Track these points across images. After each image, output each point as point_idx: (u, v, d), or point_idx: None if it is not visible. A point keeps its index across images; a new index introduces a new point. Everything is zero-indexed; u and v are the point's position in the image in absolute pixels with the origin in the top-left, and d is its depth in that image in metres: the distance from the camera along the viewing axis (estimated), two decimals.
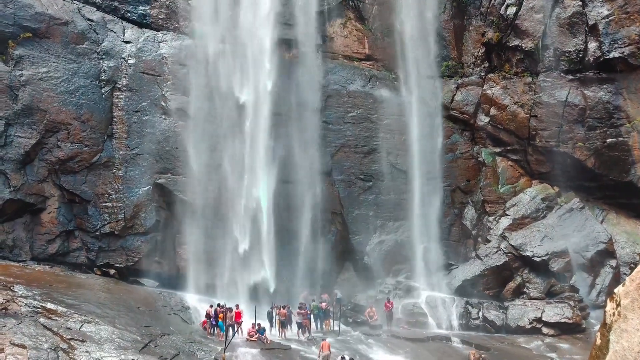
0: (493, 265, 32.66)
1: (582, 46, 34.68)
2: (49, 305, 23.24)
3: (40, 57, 30.19)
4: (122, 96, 31.67)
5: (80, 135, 30.39)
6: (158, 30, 33.80)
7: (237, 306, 27.60)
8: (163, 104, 32.16)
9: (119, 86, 31.72)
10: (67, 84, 30.47)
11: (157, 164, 31.48)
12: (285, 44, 34.90)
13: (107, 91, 31.47)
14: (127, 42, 32.56)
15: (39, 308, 22.86)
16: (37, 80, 29.85)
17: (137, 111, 31.74)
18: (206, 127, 32.36)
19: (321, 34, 36.14)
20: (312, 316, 29.13)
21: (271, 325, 28.42)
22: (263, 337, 25.97)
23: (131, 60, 32.19)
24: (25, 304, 22.84)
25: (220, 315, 26.62)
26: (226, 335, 24.97)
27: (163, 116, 32.09)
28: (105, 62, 31.71)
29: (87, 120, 30.62)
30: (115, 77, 31.72)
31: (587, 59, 34.47)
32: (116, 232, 30.26)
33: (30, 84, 29.66)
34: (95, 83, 31.28)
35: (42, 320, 22.11)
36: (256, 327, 26.33)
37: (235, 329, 26.59)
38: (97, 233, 30.13)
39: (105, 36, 32.12)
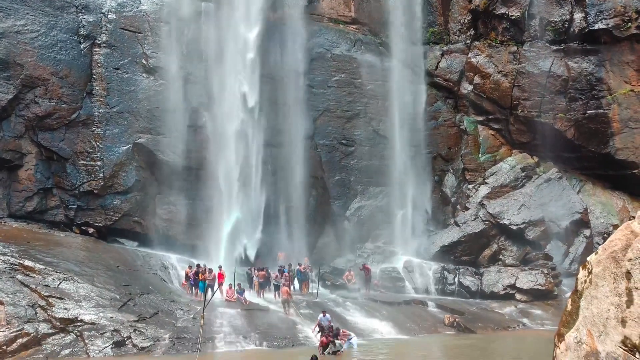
0: (471, 233, 33.19)
1: (567, 16, 34.62)
2: (27, 263, 23.12)
3: (17, 9, 29.22)
4: (101, 52, 30.92)
5: (58, 91, 29.72)
6: None
7: (220, 267, 27.71)
8: (144, 62, 31.50)
9: (99, 42, 30.93)
10: (44, 38, 29.63)
11: (137, 123, 31.00)
12: (271, 4, 34.23)
13: (86, 47, 30.68)
14: None
15: (16, 265, 22.74)
16: (14, 34, 28.96)
17: (118, 69, 31.07)
18: (188, 87, 31.89)
19: None
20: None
21: (250, 287, 28.68)
22: (242, 298, 26.23)
23: (111, 16, 31.33)
24: (3, 260, 22.70)
25: (200, 275, 26.78)
26: (205, 296, 25.16)
27: (144, 74, 31.48)
28: (84, 16, 30.83)
29: (65, 76, 29.92)
30: (94, 32, 30.90)
31: (572, 29, 34.45)
32: (95, 191, 29.96)
33: (6, 36, 28.76)
34: (74, 38, 30.45)
35: (19, 277, 22.03)
36: (236, 287, 26.56)
37: (215, 289, 26.77)
38: (76, 191, 29.79)
39: None
